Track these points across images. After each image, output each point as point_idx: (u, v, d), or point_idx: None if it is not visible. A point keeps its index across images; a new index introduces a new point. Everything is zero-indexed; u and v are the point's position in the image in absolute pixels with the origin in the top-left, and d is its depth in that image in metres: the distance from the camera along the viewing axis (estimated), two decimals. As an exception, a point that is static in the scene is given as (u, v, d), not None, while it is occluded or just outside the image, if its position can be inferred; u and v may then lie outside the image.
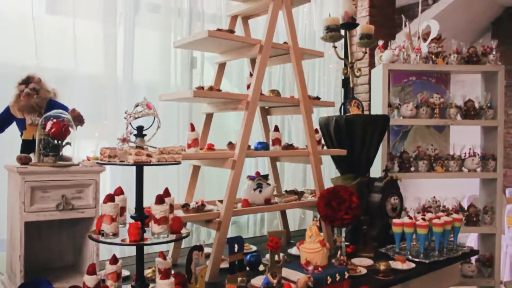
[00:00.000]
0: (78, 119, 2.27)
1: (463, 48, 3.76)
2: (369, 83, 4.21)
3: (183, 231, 1.87)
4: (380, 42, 3.79)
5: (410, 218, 2.67)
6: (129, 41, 3.05)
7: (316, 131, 2.74)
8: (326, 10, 4.30)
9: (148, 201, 1.84)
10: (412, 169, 3.69)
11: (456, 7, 6.29)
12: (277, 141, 2.58)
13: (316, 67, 4.19)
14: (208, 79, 3.25)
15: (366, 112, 4.31)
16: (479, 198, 3.97)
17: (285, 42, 2.71)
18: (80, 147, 2.50)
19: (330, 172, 4.05)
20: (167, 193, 1.97)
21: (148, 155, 1.71)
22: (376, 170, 3.46)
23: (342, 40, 4.11)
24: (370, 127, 3.00)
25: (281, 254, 2.29)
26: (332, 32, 3.15)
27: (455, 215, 2.79)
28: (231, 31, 2.49)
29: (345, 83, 4.36)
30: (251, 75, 2.53)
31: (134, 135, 1.76)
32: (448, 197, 3.85)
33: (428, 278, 2.55)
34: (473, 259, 3.83)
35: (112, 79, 2.97)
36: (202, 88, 2.40)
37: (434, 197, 3.80)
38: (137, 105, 1.79)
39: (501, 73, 3.70)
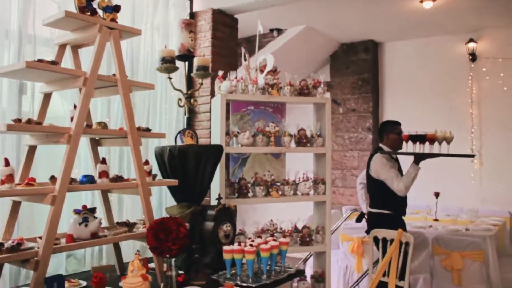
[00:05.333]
0: None
1: (296, 80, 4.06)
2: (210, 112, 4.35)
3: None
4: (220, 73, 3.93)
5: (239, 244, 2.79)
6: None
7: (147, 162, 2.76)
8: (170, 40, 4.37)
9: None
10: (250, 194, 3.86)
11: (298, 40, 6.79)
12: (104, 174, 2.55)
13: (158, 95, 4.22)
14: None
15: (207, 140, 4.45)
16: (312, 219, 4.27)
17: (113, 74, 2.70)
18: None
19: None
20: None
21: None
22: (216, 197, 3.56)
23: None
24: (203, 157, 3.09)
25: (107, 290, 2.24)
26: (167, 63, 3.21)
27: (282, 239, 2.96)
28: (54, 62, 2.42)
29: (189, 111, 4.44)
30: (75, 107, 2.47)
31: None
32: (285, 220, 4.09)
33: (257, 301, 2.67)
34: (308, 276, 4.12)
35: None
36: (20, 120, 2.28)
37: (272, 220, 4.01)
38: None
39: (328, 104, 4.05)
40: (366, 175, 4.45)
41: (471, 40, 6.80)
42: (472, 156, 3.83)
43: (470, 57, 6.84)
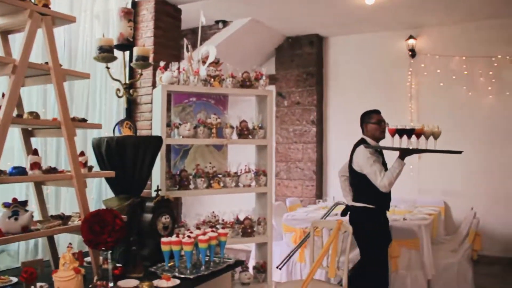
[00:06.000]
0: None
1: (238, 72, 4.06)
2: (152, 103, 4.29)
3: None
4: (162, 64, 3.88)
5: (178, 236, 2.78)
6: None
7: (82, 153, 2.69)
8: (111, 29, 4.27)
9: None
10: (192, 186, 3.85)
11: (243, 32, 6.79)
12: (35, 165, 2.46)
13: (98, 85, 4.12)
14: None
15: (148, 132, 4.39)
16: (254, 210, 4.30)
17: (46, 62, 2.61)
18: None
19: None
20: None
21: None
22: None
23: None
24: (141, 148, 3.05)
25: (38, 285, 2.19)
26: (105, 52, 3.13)
27: (220, 230, 2.98)
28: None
29: (129, 102, 4.38)
30: (3, 95, 2.37)
31: None
32: (227, 212, 4.11)
33: (196, 292, 2.67)
34: (250, 266, 4.16)
35: None
36: None
37: (213, 212, 4.02)
38: None
39: (269, 97, 4.08)
40: (349, 168, 4.21)
41: (411, 37, 7.03)
42: (459, 152, 3.65)
43: (410, 53, 7.07)
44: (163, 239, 2.77)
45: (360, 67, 7.46)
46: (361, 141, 4.11)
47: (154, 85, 4.30)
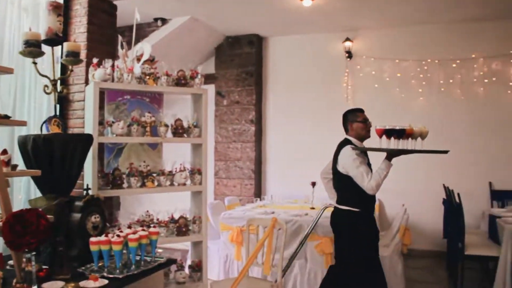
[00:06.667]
0: None
1: (174, 71, 4.04)
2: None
3: None
4: (95, 60, 3.79)
5: (106, 235, 2.73)
6: None
7: (5, 151, 2.59)
8: (40, 23, 4.13)
9: None
10: (125, 185, 3.79)
11: (182, 31, 6.76)
12: (-48, 164, 2.35)
13: (27, 81, 3.97)
14: None
15: (81, 130, 4.28)
16: (190, 209, 4.29)
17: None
18: None
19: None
20: None
21: None
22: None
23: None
24: (70, 146, 2.97)
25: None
26: (31, 47, 3.02)
27: (152, 229, 2.96)
28: None
29: (61, 99, 4.25)
30: None
31: None
32: (161, 210, 4.08)
33: (125, 292, 2.64)
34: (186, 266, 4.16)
35: None
36: None
37: (148, 211, 3.98)
38: None
39: (205, 95, 4.09)
40: (333, 169, 4.00)
41: (347, 39, 7.23)
42: (446, 152, 3.60)
43: (347, 54, 7.27)
44: (92, 239, 2.71)
45: (298, 68, 7.59)
46: (346, 142, 3.94)
47: (87, 82, 4.20)
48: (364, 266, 3.77)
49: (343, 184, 3.89)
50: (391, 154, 3.66)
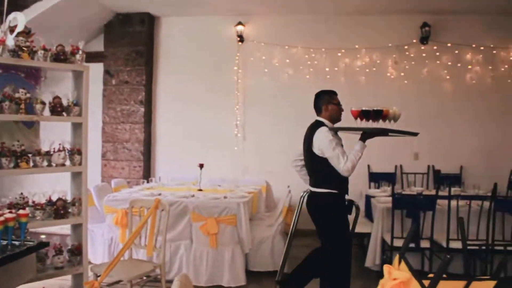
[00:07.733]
0: None
1: (53, 46, 3.82)
2: None
3: None
4: (-37, 31, 3.49)
5: (-32, 218, 2.55)
6: None
7: None
8: None
9: None
10: (-4, 166, 3.55)
11: (69, 4, 6.40)
12: None
13: None
14: None
15: None
16: (70, 190, 4.12)
17: None
18: None
19: None
20: None
21: None
22: None
23: None
24: None
25: None
26: None
27: (21, 211, 2.81)
28: None
29: None
30: None
31: None
32: (37, 192, 3.88)
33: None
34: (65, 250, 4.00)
35: None
36: None
37: (22, 193, 3.76)
38: None
39: (86, 72, 3.92)
40: (307, 153, 3.94)
41: (239, 23, 7.29)
42: (415, 134, 3.75)
43: (238, 38, 7.34)
44: (-50, 222, 2.52)
45: (190, 49, 7.54)
46: (319, 124, 3.90)
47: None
48: (347, 244, 3.91)
49: (320, 167, 3.84)
50: (366, 135, 3.72)
